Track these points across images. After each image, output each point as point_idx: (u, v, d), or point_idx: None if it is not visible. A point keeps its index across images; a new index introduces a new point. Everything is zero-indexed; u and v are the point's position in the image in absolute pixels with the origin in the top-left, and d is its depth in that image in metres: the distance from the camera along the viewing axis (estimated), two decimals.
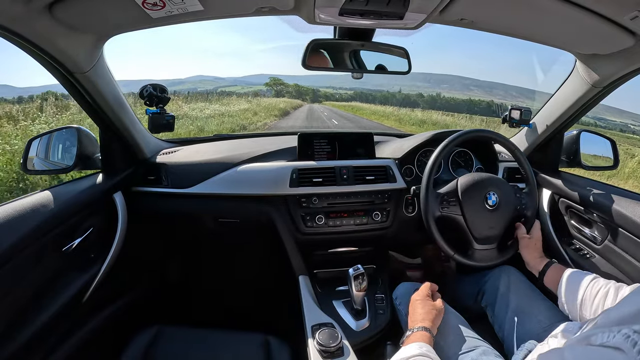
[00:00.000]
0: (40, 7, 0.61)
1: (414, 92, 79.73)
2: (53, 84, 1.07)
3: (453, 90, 69.34)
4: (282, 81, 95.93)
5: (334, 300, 1.04)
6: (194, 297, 1.52)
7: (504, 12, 0.75)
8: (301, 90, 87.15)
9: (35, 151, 0.97)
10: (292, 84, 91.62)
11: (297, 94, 79.65)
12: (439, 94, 73.33)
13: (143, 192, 1.14)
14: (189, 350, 0.89)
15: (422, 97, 73.35)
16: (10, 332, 0.72)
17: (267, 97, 38.71)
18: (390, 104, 46.10)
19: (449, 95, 71.40)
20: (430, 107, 37.19)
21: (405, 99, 73.90)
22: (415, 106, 46.43)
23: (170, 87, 1.14)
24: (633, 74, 0.88)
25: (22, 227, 0.72)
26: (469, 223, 0.98)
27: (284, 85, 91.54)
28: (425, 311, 0.77)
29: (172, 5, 0.66)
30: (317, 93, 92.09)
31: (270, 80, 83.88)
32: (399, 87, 75.30)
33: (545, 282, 0.87)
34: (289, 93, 79.00)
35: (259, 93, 58.23)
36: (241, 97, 28.58)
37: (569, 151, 1.18)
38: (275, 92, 73.98)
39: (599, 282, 0.74)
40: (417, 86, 65.11)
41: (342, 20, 0.78)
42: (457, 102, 53.74)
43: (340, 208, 1.14)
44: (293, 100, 45.78)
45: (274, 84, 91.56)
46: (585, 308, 0.72)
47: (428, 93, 75.02)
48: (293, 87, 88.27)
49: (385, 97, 71.93)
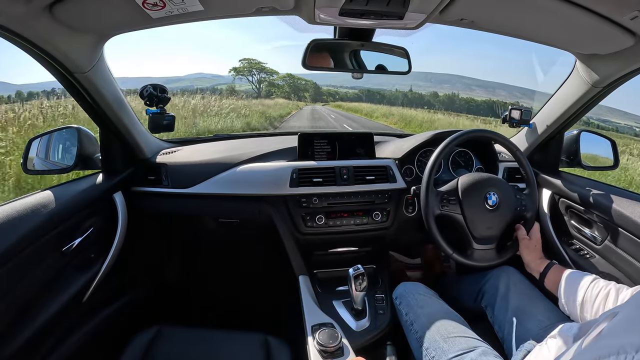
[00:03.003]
0: (40, 7, 0.61)
1: (428, 91, 70.46)
2: (51, 81, 1.07)
3: (454, 90, 64.61)
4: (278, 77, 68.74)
5: (334, 300, 1.04)
6: (194, 297, 1.52)
7: (504, 12, 0.75)
8: (298, 85, 69.32)
9: (35, 151, 0.97)
10: (285, 74, 66.97)
11: (294, 89, 66.65)
12: (455, 93, 64.76)
13: (143, 192, 1.14)
14: (189, 350, 0.89)
15: (437, 96, 64.53)
16: (10, 331, 0.72)
17: (259, 99, 29.94)
18: (400, 104, 43.01)
19: (466, 95, 64.76)
20: (447, 108, 33.05)
21: (417, 99, 64.91)
22: (430, 107, 42.58)
23: (167, 85, 1.14)
24: (633, 74, 0.88)
25: (22, 227, 0.72)
26: (469, 223, 0.98)
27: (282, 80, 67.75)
28: None
29: (172, 5, 0.66)
30: (319, 90, 76.25)
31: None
32: (409, 85, 67.91)
33: (545, 283, 0.87)
34: (282, 89, 63.55)
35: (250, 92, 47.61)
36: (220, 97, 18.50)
37: (569, 151, 1.18)
38: (266, 92, 55.90)
39: (599, 283, 0.74)
40: (418, 85, 60.19)
41: (342, 21, 0.78)
42: (477, 103, 48.88)
43: (341, 208, 1.14)
44: (288, 101, 37.33)
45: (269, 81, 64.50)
46: (586, 310, 0.72)
47: (444, 92, 67.17)
48: (288, 82, 67.43)
49: (394, 97, 64.00)
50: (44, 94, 8.16)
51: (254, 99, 24.94)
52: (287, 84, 67.11)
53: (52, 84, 8.77)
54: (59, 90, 6.67)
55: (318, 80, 67.88)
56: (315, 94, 73.26)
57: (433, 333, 0.79)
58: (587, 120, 16.98)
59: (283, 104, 26.54)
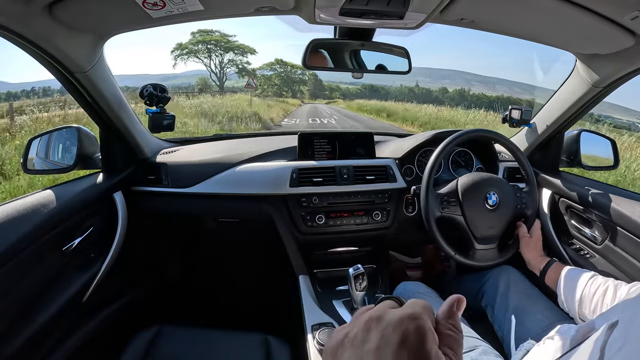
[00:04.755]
0: (40, 7, 0.61)
1: (435, 86, 63.57)
2: (47, 79, 1.06)
3: (455, 86, 61.20)
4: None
5: (334, 300, 1.04)
6: (194, 297, 1.52)
7: (505, 12, 0.75)
8: (293, 77, 48.03)
9: (35, 151, 0.97)
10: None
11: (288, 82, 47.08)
12: (463, 89, 57.94)
13: (143, 192, 1.14)
14: (189, 350, 0.89)
15: (447, 92, 57.31)
16: (10, 331, 0.72)
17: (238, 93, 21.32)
18: (407, 100, 37.44)
19: (477, 91, 58.47)
20: (458, 104, 28.75)
21: (424, 94, 56.58)
22: (440, 103, 38.95)
23: (163, 82, 1.13)
24: (633, 74, 0.88)
25: (22, 227, 0.72)
26: (469, 223, 0.98)
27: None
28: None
29: (172, 5, 0.66)
30: (319, 85, 57.38)
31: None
32: (415, 80, 61.75)
33: (546, 281, 0.87)
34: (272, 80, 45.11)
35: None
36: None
37: (569, 151, 1.18)
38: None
39: (597, 279, 0.74)
40: (419, 81, 56.17)
41: (343, 20, 0.78)
42: (490, 99, 45.73)
43: (341, 208, 1.14)
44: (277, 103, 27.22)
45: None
46: (585, 306, 0.73)
47: (453, 87, 59.88)
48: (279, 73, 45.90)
49: (400, 92, 55.13)
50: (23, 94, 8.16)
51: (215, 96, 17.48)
52: (276, 75, 46.38)
53: (44, 83, 8.53)
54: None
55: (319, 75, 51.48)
56: (315, 88, 55.46)
57: None
58: (598, 118, 16.59)
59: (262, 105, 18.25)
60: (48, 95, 11.98)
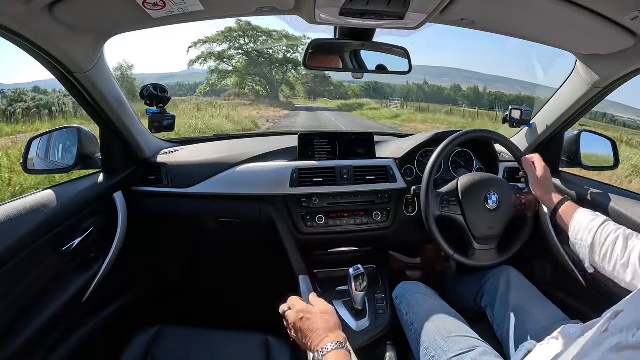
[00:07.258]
0: (40, 7, 0.61)
1: (447, 84, 55.95)
2: (44, 79, 1.05)
3: (455, 83, 57.52)
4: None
5: (334, 300, 1.04)
6: (194, 297, 1.52)
7: (505, 12, 0.75)
8: (273, 57, 25.96)
9: (35, 151, 0.97)
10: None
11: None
12: (478, 87, 50.76)
13: (143, 192, 1.14)
14: (189, 350, 0.89)
15: (460, 90, 50.55)
16: (10, 331, 0.72)
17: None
18: (415, 99, 35.47)
19: (494, 89, 51.88)
20: (475, 105, 25.57)
21: (436, 93, 49.68)
22: (454, 103, 33.67)
23: (161, 81, 1.13)
24: (633, 74, 0.88)
25: (22, 227, 0.72)
26: (469, 223, 0.98)
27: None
28: (325, 321, 0.64)
29: (172, 5, 0.66)
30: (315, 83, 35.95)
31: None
32: (422, 77, 56.15)
33: (557, 219, 0.87)
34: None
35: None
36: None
37: (569, 151, 1.18)
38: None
39: (609, 226, 0.75)
40: (418, 78, 53.75)
41: (343, 20, 0.78)
42: (509, 98, 42.26)
43: (341, 208, 1.14)
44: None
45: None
46: (595, 252, 0.74)
47: (466, 85, 52.95)
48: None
49: (408, 90, 47.75)
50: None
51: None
52: (241, 57, 26.57)
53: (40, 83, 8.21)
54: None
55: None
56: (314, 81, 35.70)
57: (433, 333, 0.79)
58: (603, 114, 16.32)
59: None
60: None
